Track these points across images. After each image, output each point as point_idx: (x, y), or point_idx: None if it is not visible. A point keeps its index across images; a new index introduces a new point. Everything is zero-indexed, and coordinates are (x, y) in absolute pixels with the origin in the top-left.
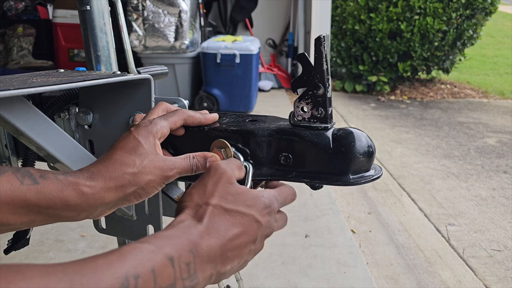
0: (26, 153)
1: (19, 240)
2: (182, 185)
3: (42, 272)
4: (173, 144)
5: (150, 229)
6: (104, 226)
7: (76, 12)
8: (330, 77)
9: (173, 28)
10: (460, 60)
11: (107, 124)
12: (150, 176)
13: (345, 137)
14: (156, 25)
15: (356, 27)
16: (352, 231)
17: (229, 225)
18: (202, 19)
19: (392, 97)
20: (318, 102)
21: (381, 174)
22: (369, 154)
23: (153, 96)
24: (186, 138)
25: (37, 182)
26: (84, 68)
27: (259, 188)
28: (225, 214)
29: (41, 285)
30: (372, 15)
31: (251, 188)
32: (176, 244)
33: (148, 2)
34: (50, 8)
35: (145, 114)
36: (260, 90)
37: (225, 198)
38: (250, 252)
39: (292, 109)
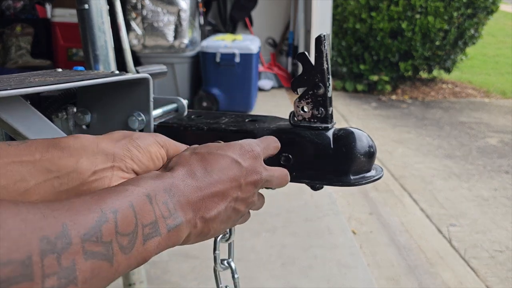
0: None
1: None
2: None
3: (13, 205)
4: None
5: None
6: None
7: (75, 11)
8: (330, 76)
9: (172, 27)
10: (461, 59)
11: (106, 124)
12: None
13: (345, 137)
14: (155, 24)
15: (357, 26)
16: (353, 232)
17: (205, 167)
18: (201, 18)
19: (393, 97)
20: (318, 102)
21: (382, 175)
22: (370, 154)
23: (151, 95)
24: (186, 139)
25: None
26: (82, 68)
27: None
28: (199, 160)
29: (13, 212)
30: (373, 14)
31: None
32: (150, 184)
33: (147, 1)
34: (48, 7)
35: None
36: (260, 89)
37: (197, 148)
38: (237, 200)
39: (292, 109)
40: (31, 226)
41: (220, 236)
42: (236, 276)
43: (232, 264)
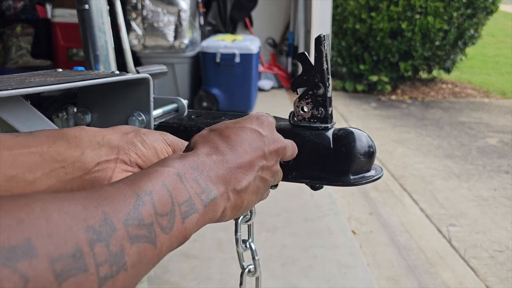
0: None
1: None
2: None
3: (53, 198)
4: None
5: None
6: None
7: (75, 12)
8: (330, 76)
9: (172, 27)
10: (461, 59)
11: (106, 124)
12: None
13: (345, 137)
14: (155, 24)
15: (357, 26)
16: (353, 232)
17: (226, 141)
18: (201, 18)
19: (393, 97)
20: (318, 102)
21: (382, 175)
22: (370, 154)
23: (151, 96)
24: (185, 139)
25: None
26: (82, 68)
27: None
28: (219, 135)
29: (56, 206)
30: (372, 14)
31: None
32: (178, 163)
33: (147, 1)
34: (49, 7)
35: None
36: (260, 89)
37: (214, 126)
38: (263, 169)
39: (292, 109)
40: (75, 218)
41: (241, 217)
42: (256, 257)
43: (253, 245)
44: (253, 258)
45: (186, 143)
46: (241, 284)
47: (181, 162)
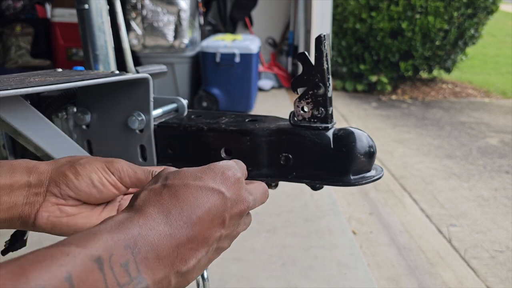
0: (24, 153)
1: (17, 241)
2: None
3: None
4: (172, 144)
5: None
6: None
7: (74, 11)
8: (330, 76)
9: (172, 27)
10: (461, 59)
11: (105, 124)
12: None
13: (345, 137)
14: (155, 24)
15: (357, 26)
16: (353, 232)
17: (181, 206)
18: (201, 18)
19: (394, 97)
20: (318, 102)
21: (382, 175)
22: (370, 154)
23: (151, 95)
24: (185, 139)
25: None
26: (82, 68)
27: None
28: (173, 196)
29: None
30: (373, 14)
31: None
32: (106, 240)
33: (147, 1)
34: (48, 7)
35: None
36: (260, 89)
37: (169, 178)
38: (220, 239)
39: (292, 109)
40: None
41: None
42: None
43: None
44: None
45: (138, 169)
46: None
47: (112, 238)
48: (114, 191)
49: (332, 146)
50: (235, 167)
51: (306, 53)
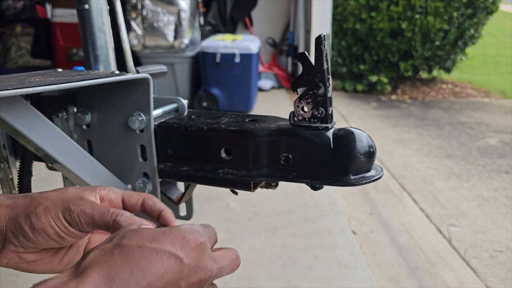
0: (24, 153)
1: None
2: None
3: None
4: (172, 144)
5: None
6: None
7: (75, 11)
8: (330, 76)
9: (172, 27)
10: (461, 59)
11: (105, 124)
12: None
13: (345, 137)
14: (155, 24)
15: (357, 26)
16: (353, 232)
17: (131, 270)
18: (201, 18)
19: (393, 97)
20: (318, 102)
21: (382, 175)
22: (370, 154)
23: (151, 95)
24: (185, 139)
25: None
26: (82, 68)
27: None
28: (124, 258)
29: None
30: (373, 14)
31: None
32: None
33: (147, 1)
34: (48, 7)
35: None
36: (260, 89)
37: (124, 237)
38: None
39: (292, 109)
40: None
41: None
42: None
43: None
44: None
45: (97, 215)
46: None
47: None
48: (74, 239)
49: (332, 146)
50: (199, 232)
51: (306, 53)
